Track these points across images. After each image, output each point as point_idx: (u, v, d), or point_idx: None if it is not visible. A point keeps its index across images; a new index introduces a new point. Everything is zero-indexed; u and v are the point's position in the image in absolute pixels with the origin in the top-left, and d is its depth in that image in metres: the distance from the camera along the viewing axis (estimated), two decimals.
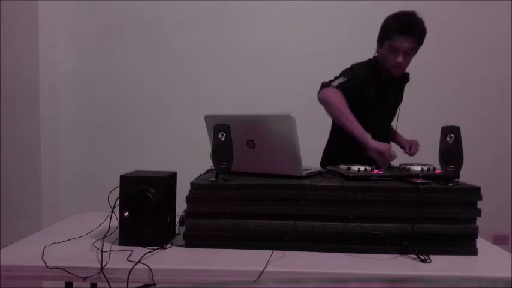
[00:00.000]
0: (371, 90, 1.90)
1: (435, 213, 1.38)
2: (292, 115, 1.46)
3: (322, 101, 1.82)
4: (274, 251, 1.33)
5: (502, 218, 3.05)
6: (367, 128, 1.71)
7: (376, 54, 1.95)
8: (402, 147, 2.04)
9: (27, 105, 2.84)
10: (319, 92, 1.85)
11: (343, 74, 1.88)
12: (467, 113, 3.03)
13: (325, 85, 1.85)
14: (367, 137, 1.67)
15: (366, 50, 2.00)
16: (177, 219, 1.64)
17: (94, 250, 1.38)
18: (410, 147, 2.00)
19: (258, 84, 3.06)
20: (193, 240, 1.43)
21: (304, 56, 3.03)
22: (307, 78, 2.13)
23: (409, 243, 1.34)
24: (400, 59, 1.83)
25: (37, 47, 2.81)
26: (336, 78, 1.87)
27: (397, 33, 1.81)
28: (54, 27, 2.98)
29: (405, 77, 1.98)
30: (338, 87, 1.80)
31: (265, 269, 1.22)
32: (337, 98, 1.76)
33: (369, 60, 1.98)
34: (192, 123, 2.81)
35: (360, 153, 1.69)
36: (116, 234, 1.44)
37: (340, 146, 1.97)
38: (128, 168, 1.58)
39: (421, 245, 1.35)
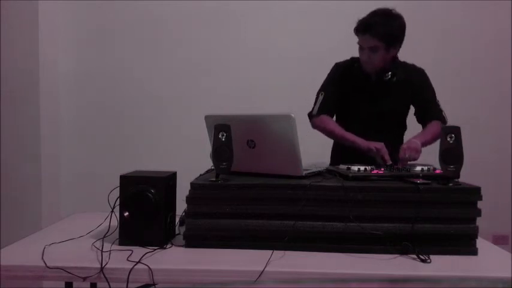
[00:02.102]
0: (347, 88, 2.01)
1: (435, 213, 1.38)
2: (292, 115, 1.46)
3: (317, 129, 2.04)
4: (274, 251, 1.33)
5: (502, 218, 3.05)
6: (354, 125, 1.92)
7: None
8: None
9: (27, 105, 2.84)
10: (310, 122, 2.06)
11: (320, 90, 2.05)
12: (467, 113, 3.02)
13: (310, 116, 2.05)
14: (357, 140, 1.83)
15: None
16: (177, 219, 1.64)
17: (94, 250, 1.38)
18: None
19: (258, 84, 3.06)
20: (193, 240, 1.43)
21: (304, 56, 3.03)
22: (307, 78, 2.14)
23: (409, 243, 1.34)
24: (365, 56, 1.89)
25: (37, 47, 2.81)
26: (316, 99, 2.04)
27: (359, 32, 1.87)
28: (54, 27, 2.98)
29: (397, 76, 1.94)
30: (319, 112, 2.01)
31: (265, 269, 1.22)
32: (325, 125, 1.99)
33: (352, 58, 2.04)
34: (192, 123, 2.81)
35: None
36: (116, 234, 1.44)
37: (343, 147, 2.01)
38: (128, 168, 1.58)
39: (421, 245, 1.34)
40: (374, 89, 1.97)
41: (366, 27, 1.84)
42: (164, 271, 1.25)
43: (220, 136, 1.43)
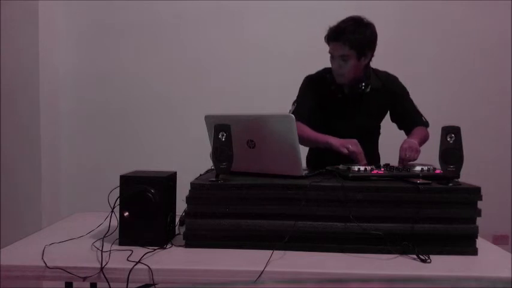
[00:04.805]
0: (324, 99, 1.95)
1: (435, 213, 1.38)
2: (293, 115, 1.46)
3: None
4: (274, 251, 1.33)
5: (502, 218, 3.05)
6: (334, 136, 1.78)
7: None
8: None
9: (27, 105, 2.84)
10: None
11: (292, 103, 2.00)
12: (467, 113, 3.03)
13: None
14: (330, 139, 1.74)
15: None
16: (177, 219, 1.64)
17: (94, 250, 1.38)
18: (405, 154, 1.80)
19: (259, 84, 3.06)
20: (193, 240, 1.43)
21: (305, 56, 3.02)
22: None
23: (409, 243, 1.34)
24: (336, 65, 1.85)
25: (37, 46, 2.81)
26: (291, 107, 1.98)
27: (330, 40, 1.84)
28: (54, 27, 2.98)
29: (372, 85, 1.92)
30: None
31: (265, 269, 1.22)
32: (299, 131, 1.79)
33: (325, 69, 2.00)
34: (192, 123, 2.81)
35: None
36: (116, 234, 1.44)
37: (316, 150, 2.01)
38: (128, 168, 1.58)
39: (421, 245, 1.34)
40: (348, 100, 1.95)
41: (337, 34, 1.80)
42: (164, 271, 1.25)
43: (220, 136, 1.43)
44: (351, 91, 1.92)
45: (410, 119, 2.00)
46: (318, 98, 1.96)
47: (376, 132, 2.10)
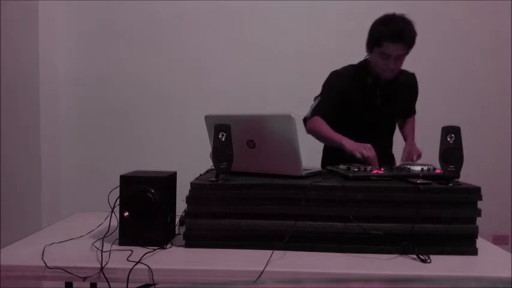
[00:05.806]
0: (351, 96, 1.96)
1: (435, 213, 1.38)
2: (293, 115, 1.46)
3: (310, 133, 1.95)
4: (274, 251, 1.33)
5: (502, 218, 3.05)
6: (354, 133, 1.78)
7: (368, 58, 1.96)
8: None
9: (27, 106, 2.84)
10: (305, 127, 1.96)
11: (316, 96, 1.99)
12: (467, 112, 3.03)
13: (304, 121, 1.97)
14: (344, 141, 1.73)
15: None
16: (177, 219, 1.64)
17: (94, 250, 1.38)
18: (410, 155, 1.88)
19: (259, 84, 3.06)
20: (193, 240, 1.43)
21: (305, 56, 3.03)
22: (308, 79, 2.14)
23: (409, 243, 1.34)
24: (392, 65, 1.84)
25: (37, 46, 2.81)
26: (313, 102, 1.98)
27: (388, 41, 1.79)
28: (54, 27, 2.99)
29: (400, 81, 1.98)
30: (313, 114, 1.93)
31: (265, 269, 1.22)
32: (316, 126, 1.89)
33: (351, 65, 2.01)
34: (192, 123, 2.81)
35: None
36: (116, 234, 1.44)
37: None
38: (128, 168, 1.58)
39: (421, 245, 1.34)
40: (379, 96, 1.97)
41: (400, 36, 1.78)
42: (164, 271, 1.25)
43: (220, 136, 1.43)
44: (385, 87, 1.96)
45: (410, 111, 2.14)
46: (346, 94, 1.96)
47: (393, 128, 2.13)
